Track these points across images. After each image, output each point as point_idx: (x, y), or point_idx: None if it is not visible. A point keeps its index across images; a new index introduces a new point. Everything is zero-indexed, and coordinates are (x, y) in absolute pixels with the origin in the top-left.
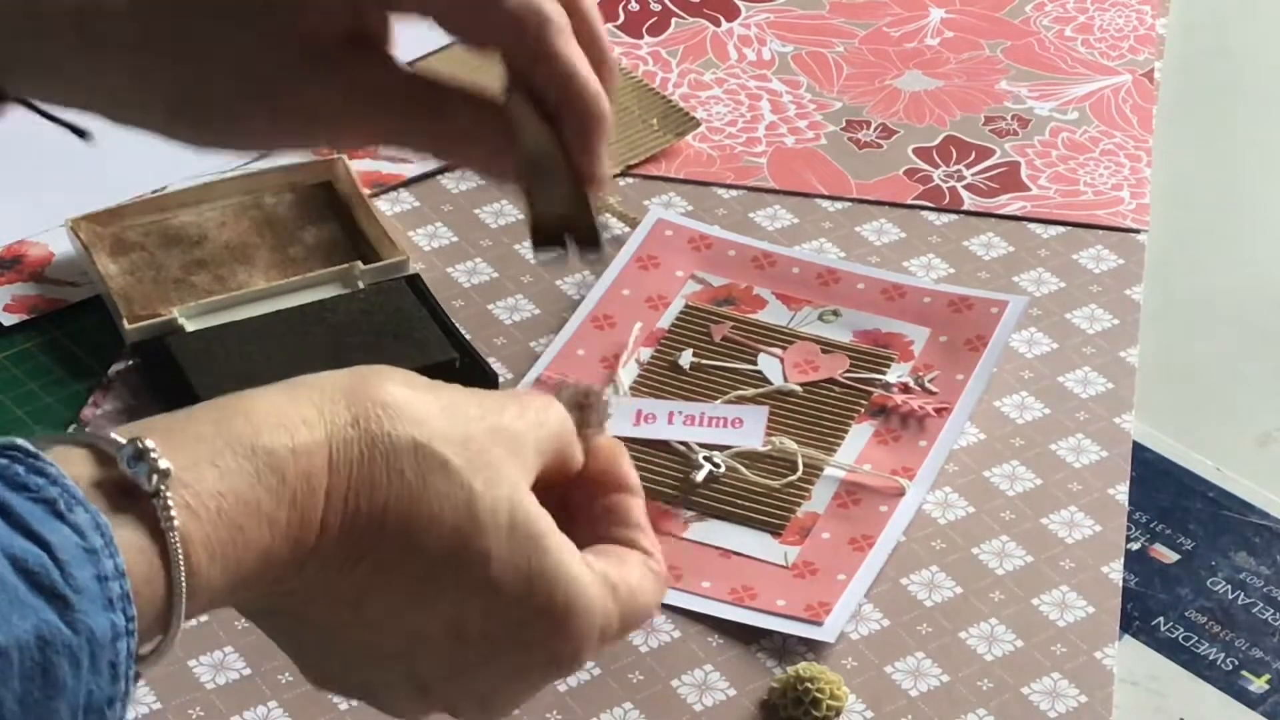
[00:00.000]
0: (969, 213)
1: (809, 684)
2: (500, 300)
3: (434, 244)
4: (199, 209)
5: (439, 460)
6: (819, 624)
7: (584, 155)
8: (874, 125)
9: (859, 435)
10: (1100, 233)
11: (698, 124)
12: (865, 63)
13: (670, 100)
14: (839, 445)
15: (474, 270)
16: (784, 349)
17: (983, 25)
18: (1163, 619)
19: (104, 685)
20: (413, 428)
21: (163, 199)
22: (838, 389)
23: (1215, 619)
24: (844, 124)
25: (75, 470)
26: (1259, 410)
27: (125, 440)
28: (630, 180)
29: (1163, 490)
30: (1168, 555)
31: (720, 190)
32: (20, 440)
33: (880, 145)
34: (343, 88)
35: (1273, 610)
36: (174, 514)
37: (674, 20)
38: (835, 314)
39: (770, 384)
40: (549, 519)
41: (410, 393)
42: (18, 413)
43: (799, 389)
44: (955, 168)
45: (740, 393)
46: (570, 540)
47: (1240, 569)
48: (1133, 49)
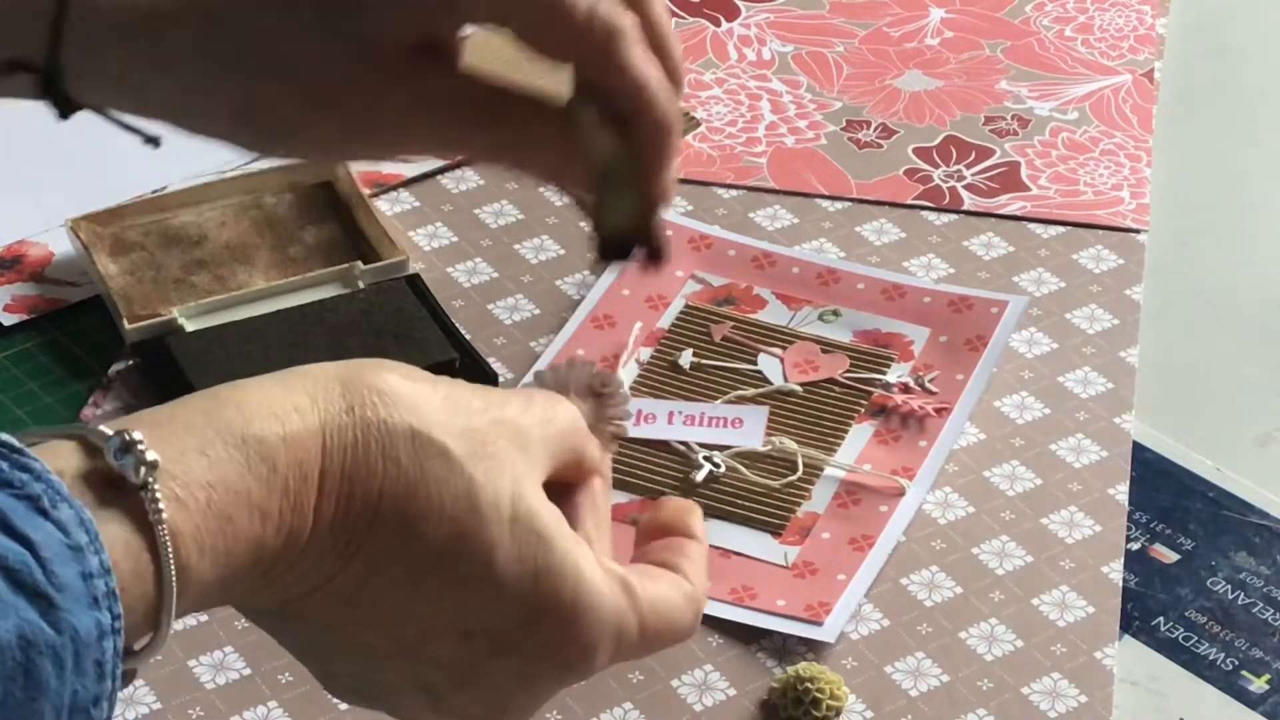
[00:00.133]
0: (969, 213)
1: (809, 684)
2: (500, 300)
3: (434, 244)
4: (199, 209)
5: (437, 448)
6: (819, 624)
7: (654, 167)
8: (874, 125)
9: (859, 435)
10: (1100, 233)
11: (698, 124)
12: (865, 63)
13: None
14: (839, 445)
15: (474, 270)
16: (784, 349)
17: (983, 25)
18: (1163, 619)
19: (89, 685)
20: (410, 415)
21: (163, 199)
22: (838, 389)
23: (1215, 619)
24: (844, 124)
25: (62, 463)
26: (1259, 410)
27: (112, 432)
28: None
29: (1163, 490)
30: (1168, 555)
31: (720, 190)
32: (4, 436)
33: (880, 145)
34: (408, 98)
35: (1273, 610)
36: (162, 507)
37: (674, 20)
38: (835, 314)
39: (770, 384)
40: (557, 515)
41: (408, 383)
42: (18, 413)
43: (799, 389)
44: (955, 168)
45: (740, 393)
46: (584, 540)
47: (1240, 569)
48: (1133, 49)
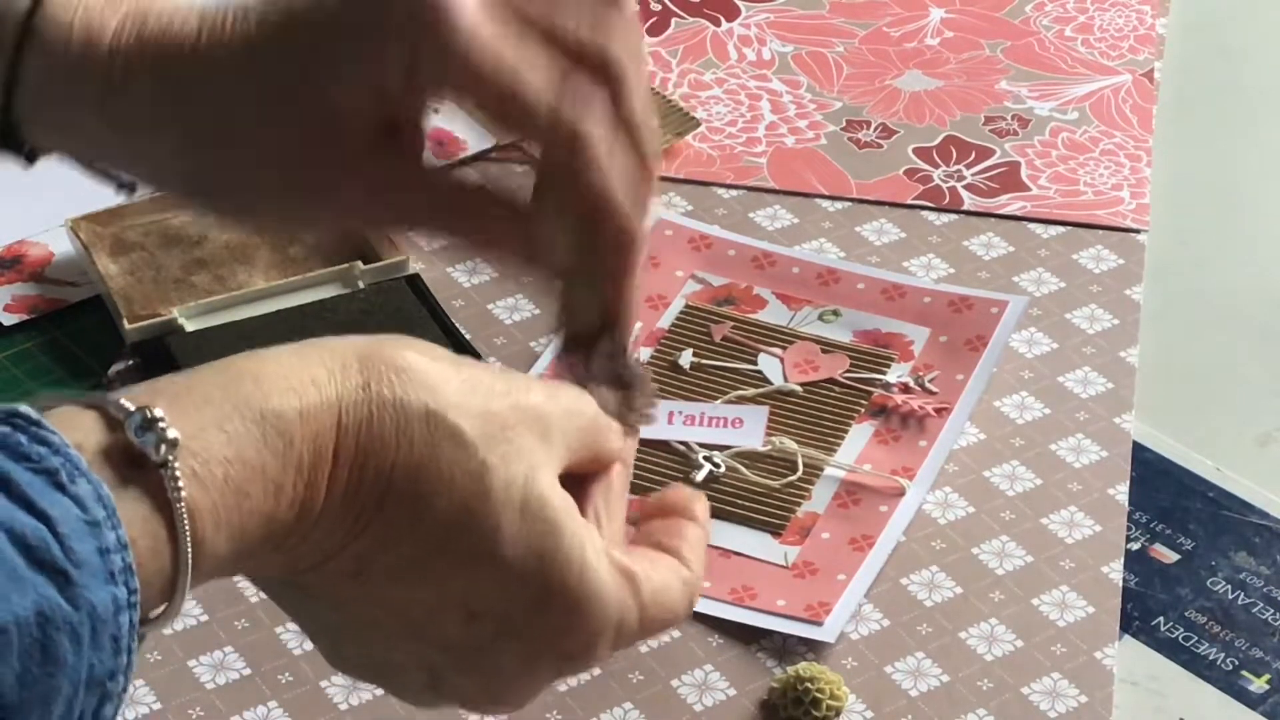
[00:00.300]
0: (969, 213)
1: (809, 684)
2: (500, 300)
3: (434, 244)
4: None
5: (451, 429)
6: (819, 624)
7: (616, 274)
8: (874, 125)
9: (859, 435)
10: (1100, 233)
11: (698, 124)
12: (865, 63)
13: (670, 100)
14: (839, 445)
15: (474, 270)
16: (784, 349)
17: (983, 25)
18: (1163, 619)
19: (105, 659)
20: (426, 394)
21: (163, 199)
22: (838, 389)
23: (1215, 619)
24: (844, 124)
25: (82, 436)
26: (1259, 410)
27: (134, 407)
28: None
29: (1163, 490)
30: (1168, 555)
31: (720, 190)
32: (23, 407)
33: (880, 145)
34: (366, 181)
35: (1273, 610)
36: (181, 485)
37: (674, 20)
38: (835, 314)
39: (770, 384)
40: (569, 505)
41: (428, 361)
42: None
43: (799, 389)
44: (955, 168)
45: (740, 393)
46: (594, 530)
47: (1240, 569)
48: (1133, 49)
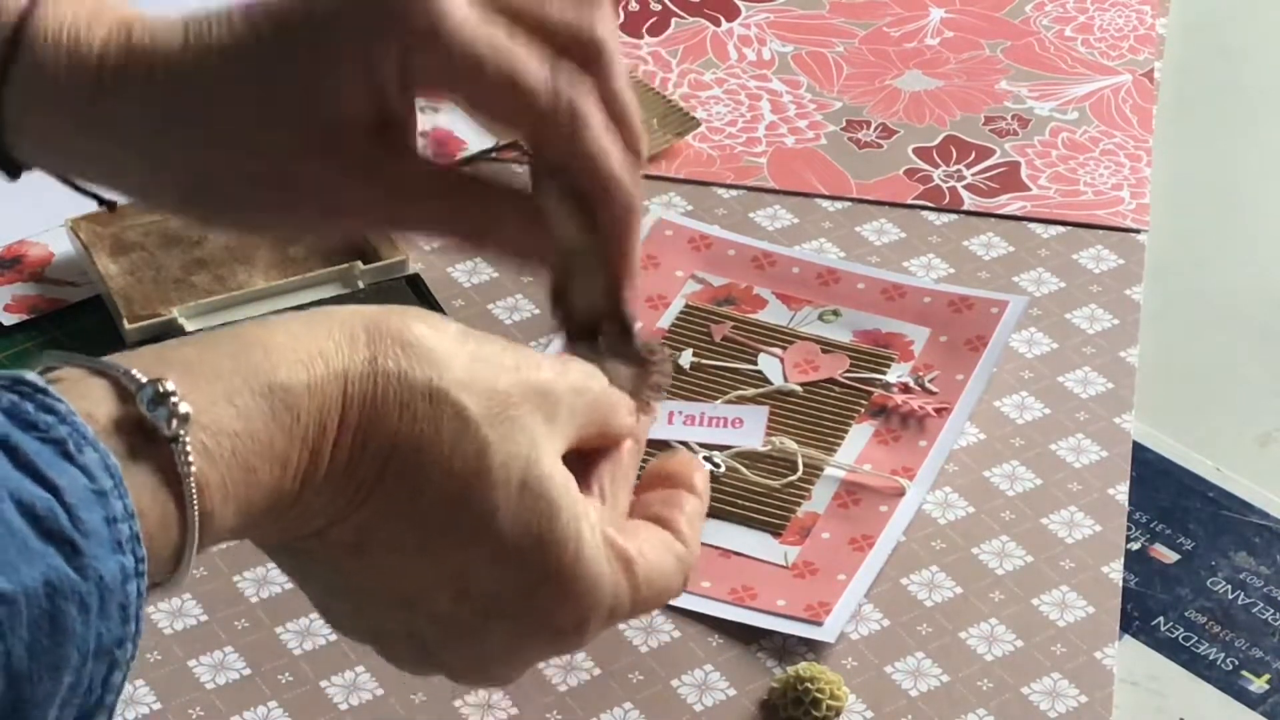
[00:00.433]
0: (969, 213)
1: (809, 684)
2: (500, 300)
3: (434, 242)
4: None
5: (454, 406)
6: (819, 624)
7: (620, 248)
8: (874, 125)
9: (859, 435)
10: (1100, 233)
11: (698, 124)
12: (865, 63)
13: (670, 100)
14: (839, 445)
15: (474, 270)
16: (784, 349)
17: (983, 25)
18: (1163, 619)
19: (113, 628)
20: (430, 370)
21: None
22: (838, 389)
23: (1215, 619)
24: (844, 124)
25: (91, 405)
26: (1259, 410)
27: (145, 379)
28: None
29: (1163, 490)
30: (1168, 555)
31: (720, 190)
32: (30, 375)
33: (880, 145)
34: (362, 180)
35: (1273, 610)
36: (191, 459)
37: (674, 20)
38: (835, 314)
39: (770, 384)
40: (570, 484)
41: (435, 334)
42: None
43: (799, 389)
44: (955, 168)
45: (740, 393)
46: (593, 510)
47: (1240, 569)
48: (1133, 49)
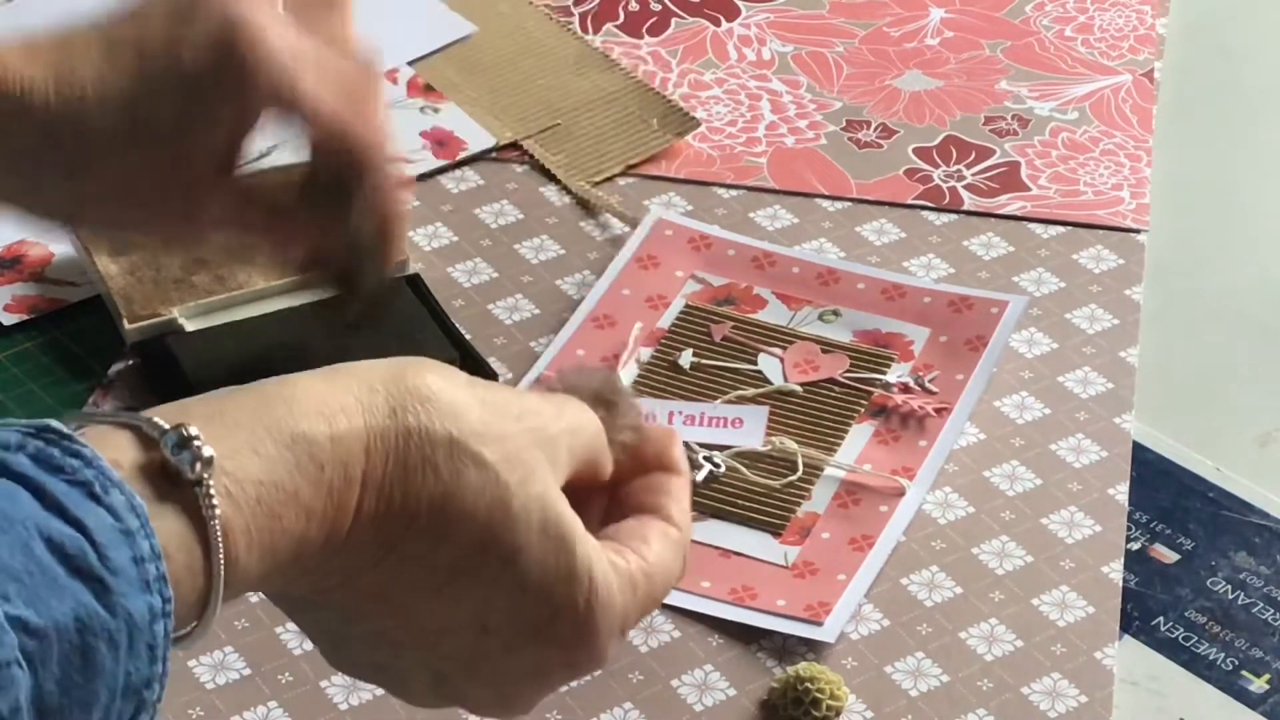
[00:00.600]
0: (969, 213)
1: (809, 684)
2: (500, 300)
3: (434, 244)
4: None
5: (474, 457)
6: (819, 624)
7: (372, 200)
8: (874, 125)
9: (859, 435)
10: (1100, 233)
11: (698, 124)
12: (865, 63)
13: (670, 100)
14: (839, 445)
15: (474, 270)
16: (784, 349)
17: (983, 25)
18: (1163, 619)
19: (142, 667)
20: (450, 423)
21: None
22: (838, 389)
23: (1215, 619)
24: (844, 124)
25: (117, 453)
26: (1259, 410)
27: (169, 425)
28: (630, 180)
29: (1163, 490)
30: (1168, 555)
31: (720, 190)
32: (53, 422)
33: (880, 145)
34: (219, 202)
35: (1273, 610)
36: (216, 503)
37: (674, 20)
38: (835, 314)
39: (770, 384)
40: (578, 522)
41: (450, 387)
42: (18, 413)
43: (799, 389)
44: (955, 168)
45: (740, 393)
46: (597, 542)
47: (1240, 569)
48: (1133, 49)
